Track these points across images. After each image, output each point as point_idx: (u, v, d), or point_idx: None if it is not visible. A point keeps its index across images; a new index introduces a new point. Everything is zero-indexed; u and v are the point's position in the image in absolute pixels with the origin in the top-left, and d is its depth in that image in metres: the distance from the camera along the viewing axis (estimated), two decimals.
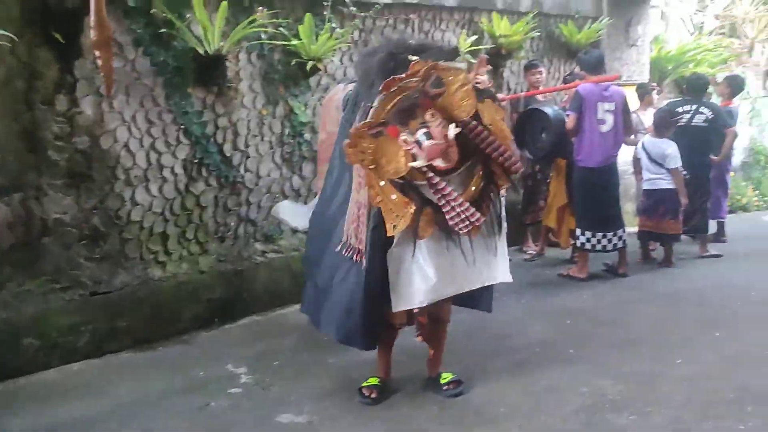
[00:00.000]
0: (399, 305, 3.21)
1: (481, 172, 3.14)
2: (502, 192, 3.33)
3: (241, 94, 4.96)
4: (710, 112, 6.57)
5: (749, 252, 6.81)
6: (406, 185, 3.06)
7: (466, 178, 3.14)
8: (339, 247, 3.29)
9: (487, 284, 3.36)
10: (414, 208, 3.04)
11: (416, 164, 2.98)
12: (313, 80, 5.36)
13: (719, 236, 7.37)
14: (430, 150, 2.92)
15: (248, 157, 5.04)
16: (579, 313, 4.87)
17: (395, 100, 2.92)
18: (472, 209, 3.02)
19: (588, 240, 5.70)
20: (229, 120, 4.90)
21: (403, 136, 2.95)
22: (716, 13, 11.64)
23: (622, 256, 5.88)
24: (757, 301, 5.06)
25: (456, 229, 3.04)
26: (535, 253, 6.61)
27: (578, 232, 5.79)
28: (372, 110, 2.95)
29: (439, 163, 2.97)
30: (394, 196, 3.03)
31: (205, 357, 4.20)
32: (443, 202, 3.02)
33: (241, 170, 5.02)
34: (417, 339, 3.30)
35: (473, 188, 3.12)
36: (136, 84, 4.41)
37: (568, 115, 5.63)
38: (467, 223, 3.02)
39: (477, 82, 3.09)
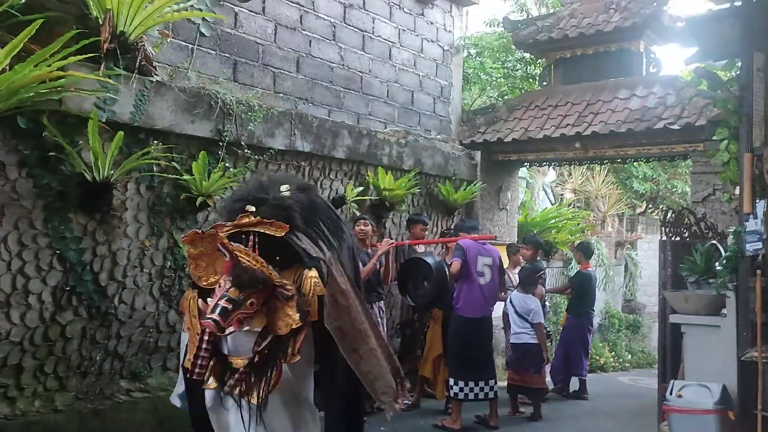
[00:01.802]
0: None
1: (268, 342, 3.11)
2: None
3: (125, 224, 4.86)
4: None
5: (609, 410, 7.19)
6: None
7: (252, 338, 3.14)
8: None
9: None
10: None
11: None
12: (201, 215, 5.37)
13: (581, 393, 7.76)
14: (205, 310, 3.00)
15: (125, 288, 4.84)
16: None
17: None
18: (205, 364, 3.10)
19: (461, 389, 5.81)
20: (109, 248, 4.74)
21: (222, 280, 3.03)
22: (574, 188, 13.05)
23: (493, 408, 6.01)
24: None
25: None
26: (410, 403, 6.60)
27: (451, 381, 5.90)
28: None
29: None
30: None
31: None
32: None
33: (115, 301, 4.79)
34: None
35: (255, 356, 3.12)
36: (13, 204, 4.23)
37: (452, 263, 5.93)
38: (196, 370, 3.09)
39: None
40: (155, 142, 4.94)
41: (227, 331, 2.97)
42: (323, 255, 3.28)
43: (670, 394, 4.82)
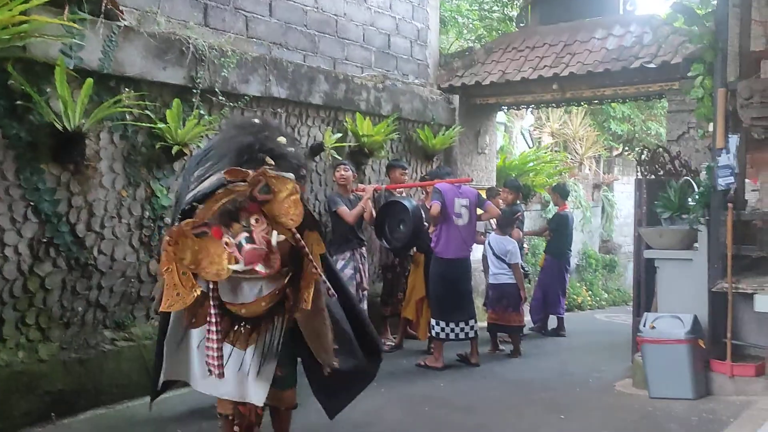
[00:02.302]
0: (197, 386, 3.24)
1: (277, 292, 3.07)
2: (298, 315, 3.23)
3: (100, 174, 4.80)
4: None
5: (586, 345, 7.39)
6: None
7: (259, 286, 3.07)
8: None
9: (245, 401, 3.21)
10: (199, 292, 2.94)
11: (235, 267, 2.86)
12: (177, 164, 5.31)
13: (559, 330, 7.96)
14: (248, 254, 2.81)
15: (103, 238, 4.82)
16: (436, 400, 4.99)
17: (220, 203, 2.86)
18: (221, 362, 3.03)
19: (442, 329, 5.93)
20: (84, 199, 4.69)
21: (226, 238, 2.85)
22: (551, 131, 13.08)
23: (473, 347, 6.15)
24: (594, 387, 5.48)
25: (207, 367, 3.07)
26: (393, 344, 6.73)
27: (432, 321, 6.02)
28: (198, 210, 2.87)
29: (259, 269, 2.88)
30: (183, 273, 2.92)
31: None
32: (208, 336, 3.03)
33: (95, 252, 4.77)
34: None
35: (263, 304, 3.07)
36: None
37: (431, 206, 5.97)
38: (209, 368, 3.05)
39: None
40: (126, 89, 4.84)
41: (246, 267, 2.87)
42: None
43: (644, 326, 4.97)
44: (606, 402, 5.01)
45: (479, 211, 6.17)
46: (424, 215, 6.20)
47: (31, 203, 4.38)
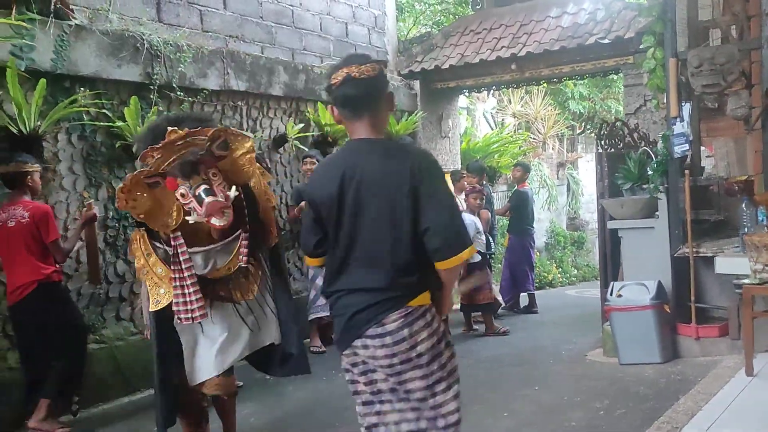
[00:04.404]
0: (194, 378, 3.18)
1: (244, 242, 3.14)
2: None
3: (60, 176, 4.73)
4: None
5: (557, 320, 7.52)
6: (172, 258, 3.02)
7: (230, 247, 3.15)
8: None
9: (261, 347, 3.33)
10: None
11: (192, 219, 2.92)
12: (138, 163, 5.24)
13: (531, 307, 8.07)
14: (209, 206, 2.85)
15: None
16: None
17: (179, 153, 2.87)
18: (201, 303, 3.03)
19: None
20: (45, 202, 4.61)
21: (182, 190, 2.88)
22: (513, 112, 13.20)
23: (445, 327, 6.19)
24: (566, 358, 5.59)
25: (177, 317, 3.04)
26: None
27: None
28: (153, 160, 2.87)
29: (215, 222, 2.92)
30: (159, 270, 3.03)
31: None
32: (177, 284, 3.00)
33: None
34: None
35: (241, 256, 3.13)
36: None
37: None
38: (189, 316, 3.03)
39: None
40: (82, 89, 4.77)
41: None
42: None
43: (611, 295, 5.08)
44: (578, 371, 5.12)
45: None
46: None
47: None
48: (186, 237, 3.04)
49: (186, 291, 3.01)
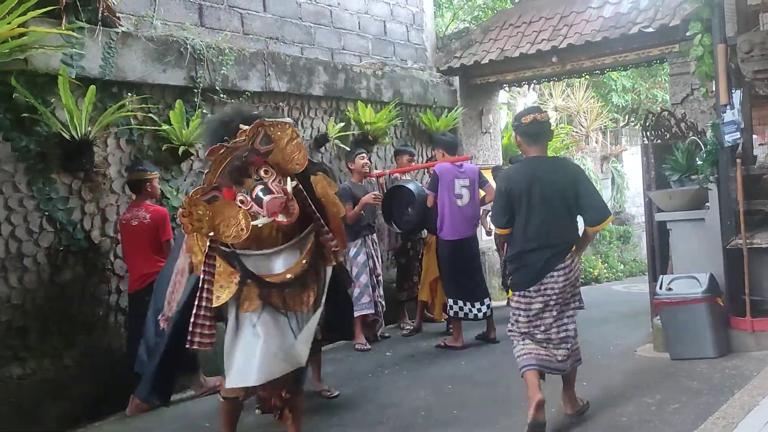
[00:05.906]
0: (232, 382, 3.02)
1: (311, 245, 3.07)
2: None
3: (110, 180, 4.87)
4: None
5: (604, 315, 7.38)
6: (231, 255, 2.98)
7: (295, 251, 3.07)
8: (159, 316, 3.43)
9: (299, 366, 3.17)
10: (239, 278, 2.96)
11: (259, 222, 2.88)
12: (185, 165, 5.37)
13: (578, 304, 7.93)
14: (270, 204, 2.82)
15: (118, 243, 4.88)
16: (458, 377, 5.02)
17: (225, 163, 2.84)
18: (207, 331, 2.93)
19: (460, 308, 5.95)
20: (97, 206, 4.76)
21: (240, 197, 2.86)
22: (555, 106, 13.02)
23: (490, 324, 6.14)
24: (615, 354, 5.48)
25: (189, 337, 2.94)
26: (412, 328, 6.76)
27: (450, 302, 6.03)
28: (204, 176, 2.88)
29: (281, 218, 2.87)
30: (218, 266, 2.96)
31: None
32: (197, 303, 2.93)
33: (111, 257, 4.84)
34: (257, 412, 3.33)
35: (304, 261, 3.06)
36: None
37: (428, 195, 6.01)
38: (192, 339, 2.93)
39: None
40: (129, 94, 4.89)
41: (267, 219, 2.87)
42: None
43: (660, 288, 4.96)
44: (627, 367, 5.01)
45: (481, 193, 6.16)
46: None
47: (46, 213, 4.46)
48: (252, 242, 2.99)
49: (200, 312, 2.95)
